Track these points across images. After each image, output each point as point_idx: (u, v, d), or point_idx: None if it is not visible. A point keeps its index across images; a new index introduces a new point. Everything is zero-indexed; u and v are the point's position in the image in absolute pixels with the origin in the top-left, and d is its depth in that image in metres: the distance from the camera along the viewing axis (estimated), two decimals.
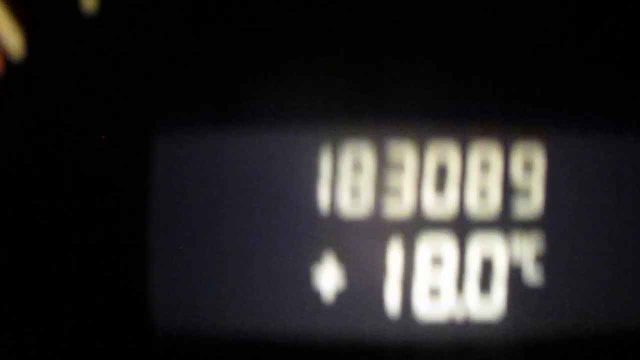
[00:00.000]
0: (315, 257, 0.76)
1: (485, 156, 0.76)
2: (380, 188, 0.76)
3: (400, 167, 0.76)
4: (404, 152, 0.76)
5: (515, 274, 0.77)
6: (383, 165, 0.76)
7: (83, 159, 0.74)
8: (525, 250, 0.77)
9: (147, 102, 0.74)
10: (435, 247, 0.77)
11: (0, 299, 0.75)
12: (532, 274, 0.77)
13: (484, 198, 0.77)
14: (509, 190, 0.77)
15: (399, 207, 0.76)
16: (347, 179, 0.76)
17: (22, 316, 0.75)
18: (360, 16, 0.74)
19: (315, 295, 0.77)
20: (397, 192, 0.76)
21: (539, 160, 0.76)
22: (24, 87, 0.74)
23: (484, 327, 0.78)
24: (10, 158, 0.74)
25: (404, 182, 0.76)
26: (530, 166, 0.77)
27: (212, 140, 0.75)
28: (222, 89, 0.75)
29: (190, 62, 0.74)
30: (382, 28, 0.75)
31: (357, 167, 0.76)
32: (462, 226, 0.77)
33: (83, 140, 0.74)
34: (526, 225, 0.77)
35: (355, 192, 0.76)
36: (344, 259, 0.76)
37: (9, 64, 0.73)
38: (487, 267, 0.77)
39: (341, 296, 0.77)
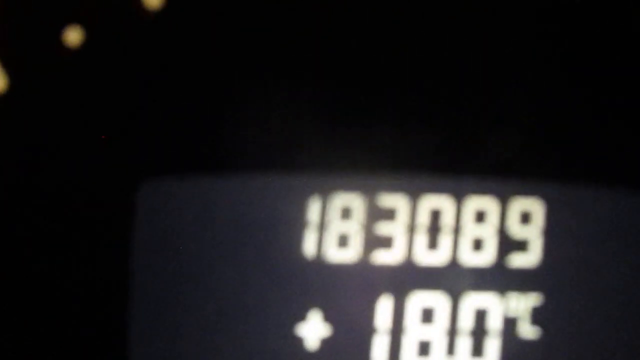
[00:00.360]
0: (300, 304, 0.75)
1: (481, 207, 0.74)
2: (370, 236, 0.74)
3: (391, 216, 0.74)
4: (395, 201, 0.74)
5: (510, 328, 0.74)
6: (373, 213, 0.74)
7: (65, 203, 0.74)
8: (522, 304, 0.74)
9: (131, 148, 0.75)
10: (427, 299, 0.74)
11: None
12: (528, 328, 0.74)
13: (478, 249, 0.74)
14: (505, 241, 0.74)
15: (390, 256, 0.74)
16: (335, 226, 0.74)
17: None
18: (352, 66, 0.74)
19: (299, 343, 0.75)
20: (388, 241, 0.74)
21: (538, 213, 0.74)
22: (5, 127, 0.74)
23: None
24: None
25: (395, 230, 0.74)
26: (528, 218, 0.74)
27: (197, 187, 0.75)
28: (208, 137, 0.75)
29: (176, 110, 0.75)
30: (375, 78, 0.74)
31: (346, 214, 0.74)
32: (455, 278, 0.74)
33: (67, 186, 0.74)
34: (523, 278, 0.74)
35: (343, 240, 0.74)
36: (330, 306, 0.74)
37: None
38: (480, 321, 0.74)
39: (326, 345, 0.75)
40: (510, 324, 0.74)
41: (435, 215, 0.74)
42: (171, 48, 0.74)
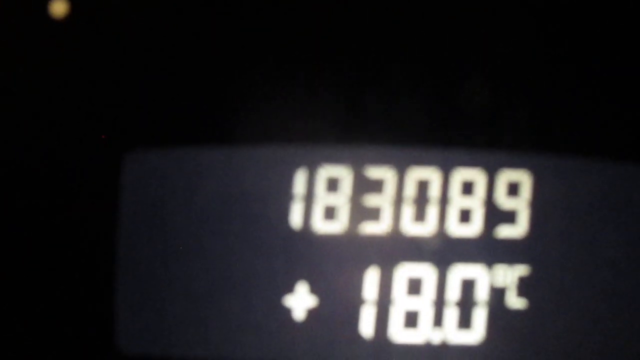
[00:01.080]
0: (287, 276, 0.75)
1: (468, 178, 0.75)
2: (357, 208, 0.75)
3: (378, 188, 0.75)
4: (382, 173, 0.75)
5: (497, 299, 0.75)
6: (360, 185, 0.75)
7: (52, 175, 0.74)
8: (508, 274, 0.75)
9: (117, 120, 0.74)
10: (414, 270, 0.75)
11: None
12: (515, 299, 0.75)
13: (465, 221, 0.75)
14: (492, 213, 0.75)
15: (377, 228, 0.75)
16: (322, 198, 0.75)
17: None
18: (342, 42, 0.74)
19: (287, 313, 0.75)
20: (375, 213, 0.75)
21: (525, 184, 0.75)
22: None
23: (463, 353, 0.75)
24: None
25: (382, 202, 0.75)
26: (516, 190, 0.75)
27: (184, 159, 0.75)
28: (195, 109, 0.74)
29: (161, 82, 0.74)
30: (365, 54, 0.74)
31: (333, 186, 0.75)
32: (442, 249, 0.75)
33: (52, 157, 0.74)
34: (510, 249, 0.75)
35: (330, 212, 0.75)
36: (317, 278, 0.75)
37: None
38: (467, 292, 0.75)
39: (313, 315, 0.75)
40: (497, 294, 0.75)
41: (423, 187, 0.75)
42: (155, 22, 0.74)
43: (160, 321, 0.75)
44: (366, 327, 0.75)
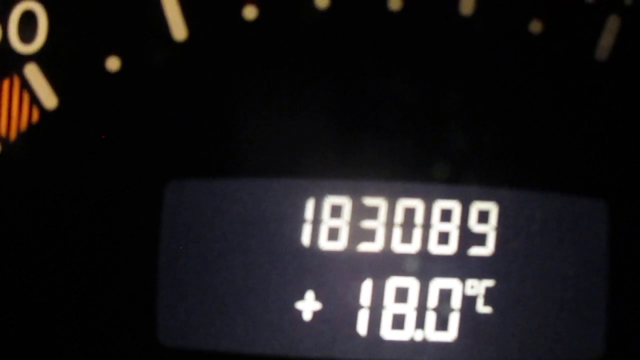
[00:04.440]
0: (298, 285, 0.84)
1: (446, 207, 0.84)
2: (356, 230, 0.84)
3: (373, 214, 0.84)
4: (377, 202, 0.83)
5: (468, 306, 0.85)
6: (359, 212, 0.84)
7: (105, 201, 0.83)
8: (478, 286, 0.84)
9: (160, 155, 0.83)
10: (401, 282, 0.84)
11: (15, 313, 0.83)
12: (483, 307, 0.85)
13: (444, 242, 0.84)
14: (465, 236, 0.84)
15: (371, 247, 0.84)
16: (327, 221, 0.84)
17: (31, 328, 0.83)
18: (341, 92, 0.82)
19: (298, 314, 0.84)
20: (370, 235, 0.84)
21: (492, 213, 0.84)
22: (54, 136, 0.83)
23: (440, 349, 0.84)
24: (35, 199, 0.83)
25: (376, 226, 0.84)
26: (485, 217, 0.84)
27: (214, 188, 0.82)
28: (224, 146, 0.82)
29: (197, 124, 0.82)
30: (363, 107, 0.82)
31: (336, 212, 0.84)
32: (424, 265, 0.84)
33: (102, 184, 0.83)
34: (480, 266, 0.84)
35: (333, 233, 0.84)
36: (322, 286, 0.84)
37: (43, 112, 0.83)
38: (444, 300, 0.85)
39: (319, 317, 0.84)
40: (468, 302, 0.84)
41: (409, 214, 0.82)
42: (193, 73, 0.82)
43: (194, 320, 0.83)
44: (361, 327, 0.83)
